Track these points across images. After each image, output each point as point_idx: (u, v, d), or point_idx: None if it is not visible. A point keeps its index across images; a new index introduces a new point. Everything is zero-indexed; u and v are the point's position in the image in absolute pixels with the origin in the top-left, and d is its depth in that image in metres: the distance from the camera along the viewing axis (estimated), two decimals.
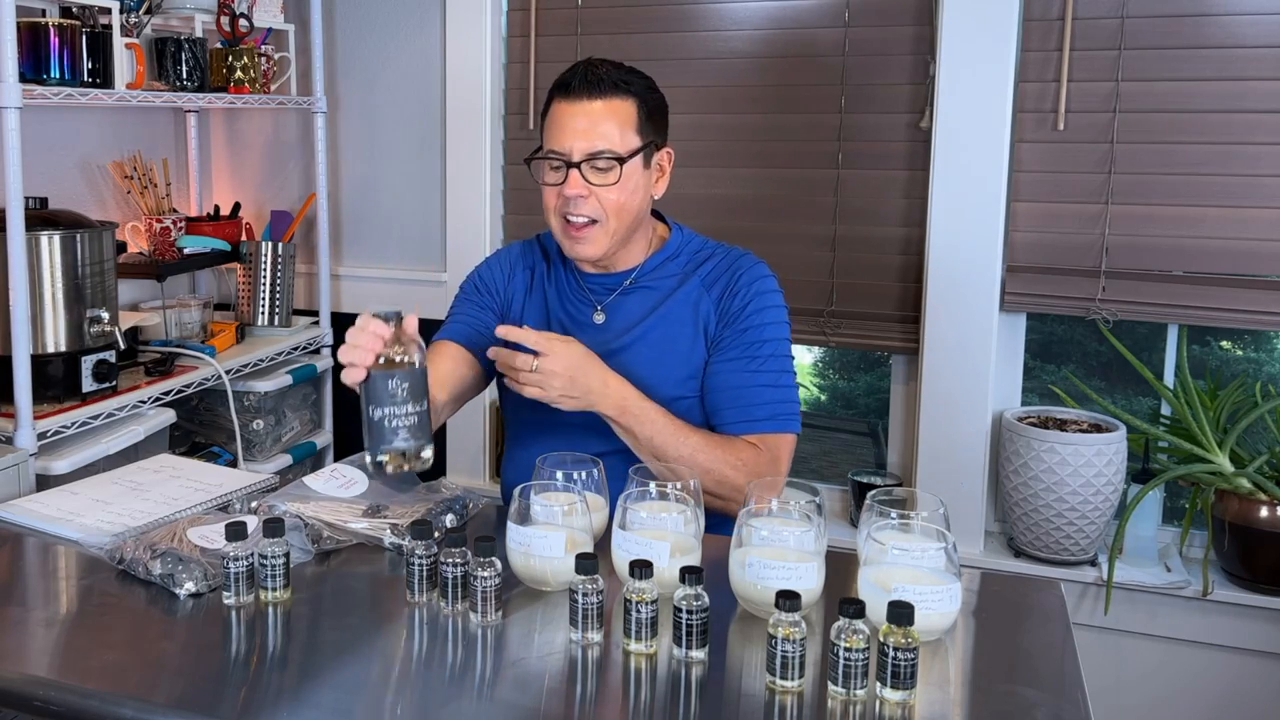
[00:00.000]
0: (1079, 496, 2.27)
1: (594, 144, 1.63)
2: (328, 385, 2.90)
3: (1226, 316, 2.27)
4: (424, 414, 1.35)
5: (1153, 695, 2.34)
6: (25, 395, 1.98)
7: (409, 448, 1.35)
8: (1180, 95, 2.25)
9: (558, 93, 1.66)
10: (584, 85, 1.63)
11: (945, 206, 2.38)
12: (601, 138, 1.63)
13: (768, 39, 2.54)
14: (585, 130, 1.63)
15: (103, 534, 1.51)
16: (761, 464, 1.63)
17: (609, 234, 1.67)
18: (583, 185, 1.63)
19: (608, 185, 1.64)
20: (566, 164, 1.64)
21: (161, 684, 1.19)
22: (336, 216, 2.95)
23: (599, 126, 1.63)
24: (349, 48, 2.89)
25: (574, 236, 1.67)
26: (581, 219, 1.66)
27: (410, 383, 1.34)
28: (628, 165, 1.64)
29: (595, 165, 1.63)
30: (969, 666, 1.27)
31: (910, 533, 1.34)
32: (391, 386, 1.33)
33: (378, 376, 1.34)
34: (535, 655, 1.24)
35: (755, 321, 1.69)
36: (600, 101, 1.64)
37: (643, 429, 1.59)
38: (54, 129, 2.55)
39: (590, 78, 1.64)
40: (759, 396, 1.67)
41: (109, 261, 2.20)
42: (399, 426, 1.33)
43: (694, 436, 1.62)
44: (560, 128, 1.64)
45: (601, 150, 1.63)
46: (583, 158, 1.63)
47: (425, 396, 1.36)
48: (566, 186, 1.64)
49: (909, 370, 2.56)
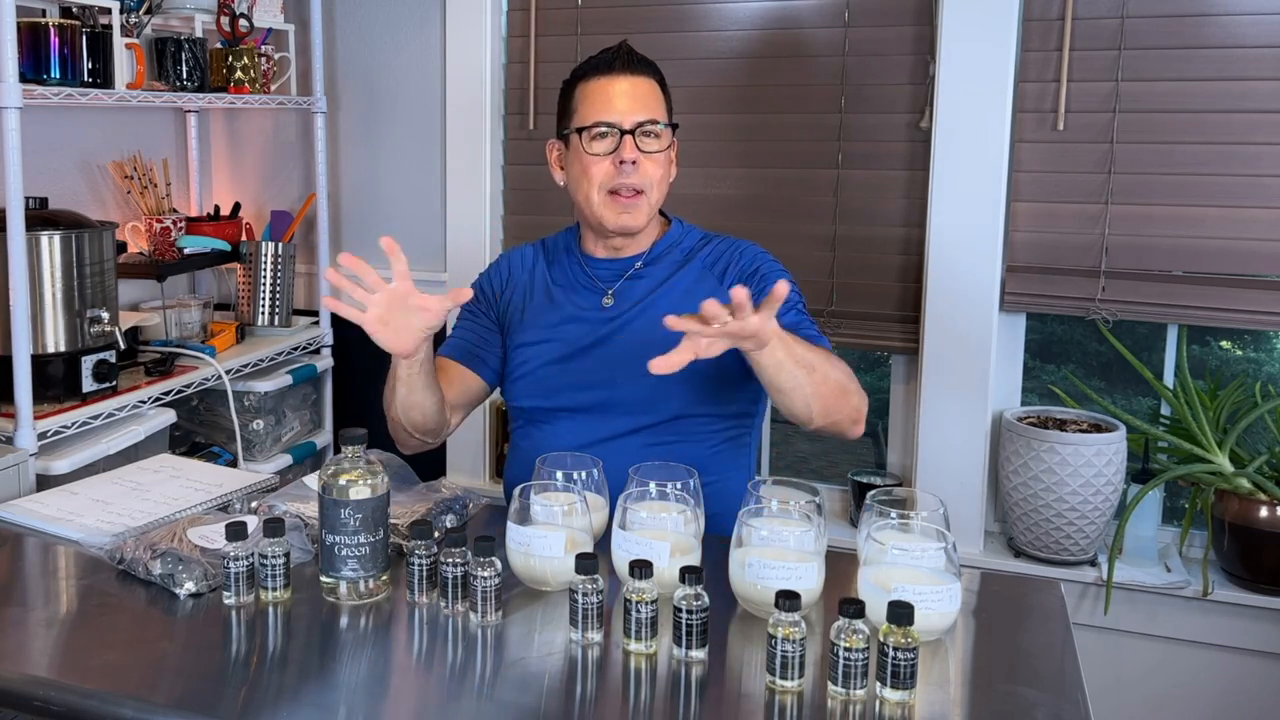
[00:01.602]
0: (1079, 496, 2.27)
1: (644, 112, 1.71)
2: (328, 385, 2.90)
3: (1226, 316, 2.27)
4: (378, 544, 1.35)
5: (1153, 695, 2.34)
6: (25, 395, 1.98)
7: (357, 578, 1.35)
8: (1180, 95, 2.25)
9: (594, 72, 1.74)
10: (627, 62, 1.73)
11: (945, 206, 2.38)
12: (649, 108, 1.72)
13: (768, 39, 2.54)
14: (635, 101, 1.71)
15: (103, 534, 1.51)
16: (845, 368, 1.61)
17: (650, 205, 1.75)
18: (635, 151, 1.70)
19: (658, 152, 1.72)
20: (620, 131, 1.70)
21: (161, 684, 1.19)
22: (336, 216, 2.95)
23: (646, 98, 1.72)
24: (349, 48, 2.88)
25: (623, 204, 1.73)
26: (630, 189, 1.71)
27: (364, 514, 1.34)
28: (665, 138, 1.73)
29: (646, 132, 1.71)
30: (969, 666, 1.27)
31: (910, 533, 1.34)
32: (344, 515, 1.33)
33: (332, 504, 1.34)
34: (535, 655, 1.24)
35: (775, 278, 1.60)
36: (642, 78, 1.74)
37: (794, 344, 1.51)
38: (54, 129, 2.55)
39: (631, 56, 1.74)
40: (810, 330, 1.68)
41: (109, 261, 2.20)
42: (349, 556, 1.34)
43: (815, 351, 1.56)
44: (608, 100, 1.71)
45: (650, 118, 1.71)
46: (634, 125, 1.70)
47: (383, 525, 1.36)
48: (623, 152, 1.69)
49: (909, 370, 2.56)
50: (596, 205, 1.73)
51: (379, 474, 1.35)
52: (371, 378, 2.97)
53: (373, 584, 1.36)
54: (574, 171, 1.75)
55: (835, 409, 1.57)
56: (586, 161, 1.72)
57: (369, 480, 1.34)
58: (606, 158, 1.70)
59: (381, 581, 1.37)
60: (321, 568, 1.37)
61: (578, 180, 1.75)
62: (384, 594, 1.37)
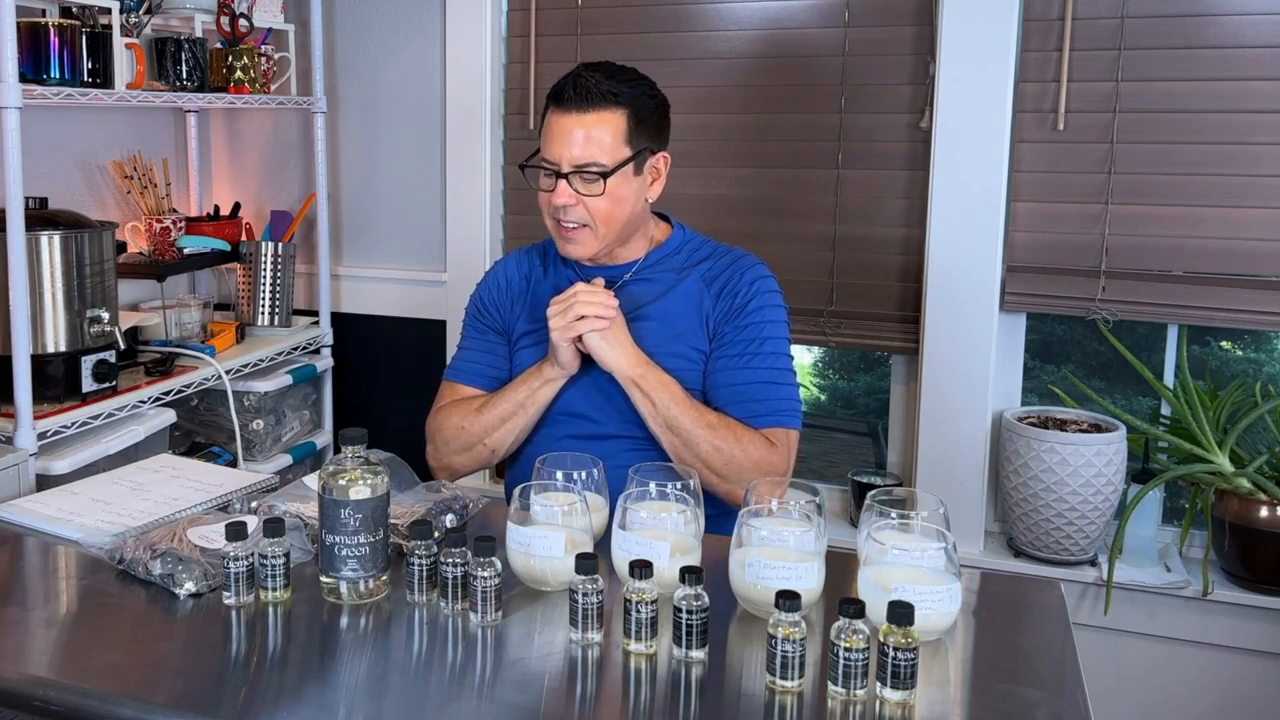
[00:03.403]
0: (1079, 496, 2.27)
1: (581, 156, 1.67)
2: (327, 385, 2.90)
3: (1226, 316, 2.27)
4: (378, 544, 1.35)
5: (1153, 695, 2.34)
6: (25, 395, 1.98)
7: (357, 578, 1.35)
8: (1180, 95, 2.25)
9: (552, 101, 1.71)
10: (574, 97, 1.68)
11: (945, 206, 2.38)
12: (589, 151, 1.68)
13: (768, 39, 2.54)
14: (574, 142, 1.67)
15: (103, 534, 1.51)
16: (768, 454, 1.66)
17: (599, 238, 1.73)
18: (570, 194, 1.69)
19: (594, 195, 1.69)
20: (556, 174, 1.69)
21: (161, 684, 1.19)
22: (336, 216, 2.95)
23: (588, 139, 1.67)
24: (349, 48, 2.88)
25: (566, 237, 1.75)
26: (571, 224, 1.72)
27: (364, 514, 1.34)
28: (614, 177, 1.68)
29: (583, 176, 1.68)
30: (969, 666, 1.27)
31: (910, 533, 1.34)
32: (344, 515, 1.33)
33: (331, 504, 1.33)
34: (535, 655, 1.24)
35: (756, 319, 1.74)
36: (591, 113, 1.67)
37: (660, 396, 1.66)
38: (54, 129, 2.55)
39: (579, 89, 1.67)
40: (761, 392, 1.71)
41: (109, 261, 2.20)
42: (348, 556, 1.34)
43: (709, 414, 1.67)
44: (552, 138, 1.70)
45: (588, 163, 1.67)
46: (570, 169, 1.68)
47: (383, 525, 1.36)
48: (555, 195, 1.70)
49: (909, 370, 2.56)
50: (551, 230, 1.77)
51: (379, 474, 1.35)
52: (371, 378, 2.98)
53: (373, 584, 1.36)
54: None
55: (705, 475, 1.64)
56: (538, 191, 1.75)
57: (368, 480, 1.34)
58: (548, 193, 1.72)
59: (381, 581, 1.37)
60: (321, 568, 1.37)
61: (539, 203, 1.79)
62: (384, 594, 1.37)
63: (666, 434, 1.66)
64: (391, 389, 2.96)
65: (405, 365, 2.93)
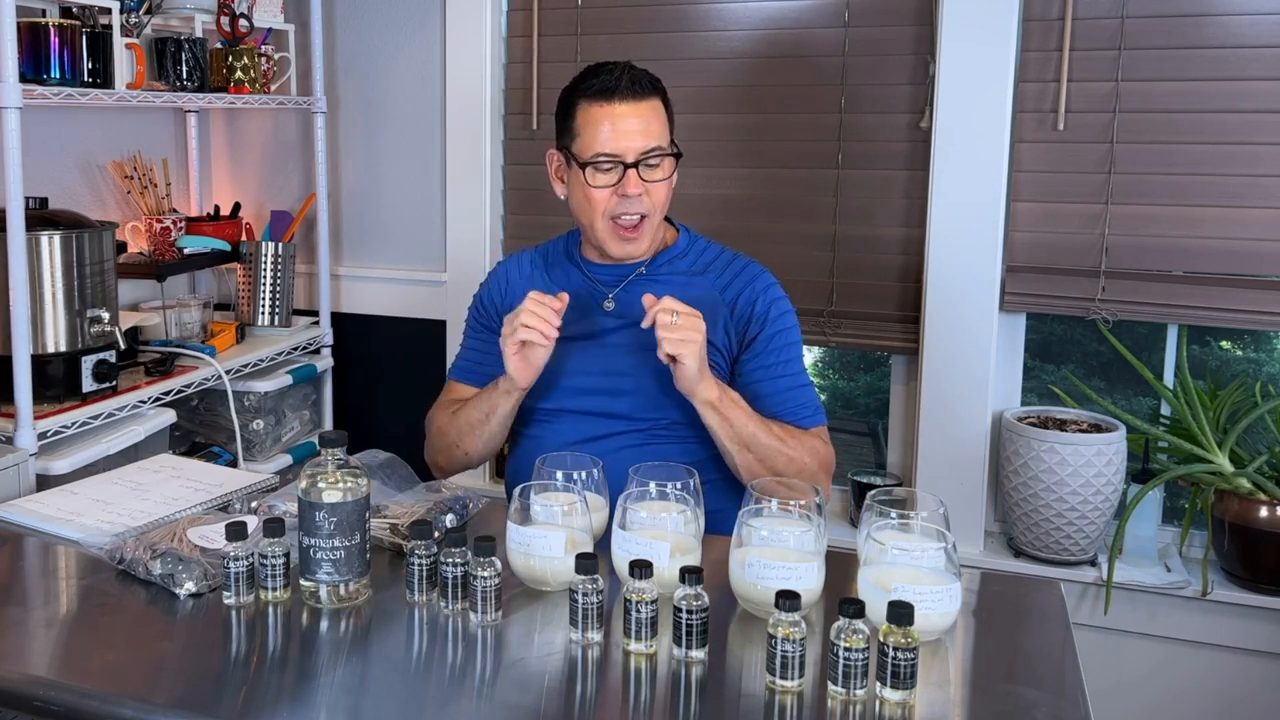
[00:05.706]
0: (1079, 496, 2.27)
1: (645, 144, 1.69)
2: (327, 385, 2.90)
3: (1226, 316, 2.27)
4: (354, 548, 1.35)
5: (1153, 695, 2.34)
6: (25, 395, 1.98)
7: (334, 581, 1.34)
8: (1180, 95, 2.25)
9: (597, 97, 1.70)
10: (630, 87, 1.69)
11: (945, 206, 2.38)
12: (652, 136, 1.70)
13: (768, 39, 2.53)
14: (638, 131, 1.69)
15: (103, 534, 1.51)
16: (826, 450, 1.75)
17: (653, 228, 1.76)
18: (640, 184, 1.69)
19: (658, 181, 1.71)
20: (624, 165, 1.68)
21: (161, 684, 1.19)
22: (336, 216, 2.95)
23: (649, 126, 1.69)
24: (349, 48, 2.88)
25: (626, 237, 1.74)
26: (634, 218, 1.71)
27: (338, 518, 1.33)
28: (669, 160, 1.72)
29: (648, 163, 1.69)
30: (969, 666, 1.28)
31: (910, 533, 1.34)
32: (319, 519, 1.33)
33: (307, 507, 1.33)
34: (535, 655, 1.24)
35: (780, 326, 1.78)
36: (645, 102, 1.70)
37: (736, 415, 1.66)
38: (54, 129, 2.55)
39: (634, 79, 1.70)
40: (800, 396, 1.76)
41: (109, 261, 2.20)
42: (324, 559, 1.34)
43: (774, 426, 1.70)
44: (610, 132, 1.68)
45: (652, 149, 1.69)
46: (637, 158, 1.69)
47: (360, 529, 1.35)
48: (627, 186, 1.69)
49: (909, 370, 2.56)
50: (600, 232, 1.74)
51: (358, 478, 1.35)
52: (371, 378, 2.98)
53: (352, 587, 1.35)
54: (576, 196, 1.75)
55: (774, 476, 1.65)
56: (589, 191, 1.71)
57: (343, 484, 1.33)
58: (609, 188, 1.70)
59: (362, 585, 1.36)
60: (300, 571, 1.36)
61: (581, 205, 1.74)
62: (364, 597, 1.37)
63: (742, 452, 1.66)
64: (391, 389, 2.96)
65: (405, 365, 2.93)
